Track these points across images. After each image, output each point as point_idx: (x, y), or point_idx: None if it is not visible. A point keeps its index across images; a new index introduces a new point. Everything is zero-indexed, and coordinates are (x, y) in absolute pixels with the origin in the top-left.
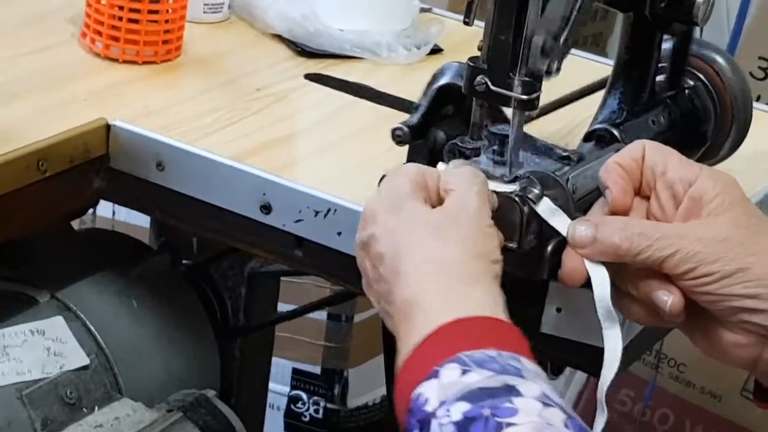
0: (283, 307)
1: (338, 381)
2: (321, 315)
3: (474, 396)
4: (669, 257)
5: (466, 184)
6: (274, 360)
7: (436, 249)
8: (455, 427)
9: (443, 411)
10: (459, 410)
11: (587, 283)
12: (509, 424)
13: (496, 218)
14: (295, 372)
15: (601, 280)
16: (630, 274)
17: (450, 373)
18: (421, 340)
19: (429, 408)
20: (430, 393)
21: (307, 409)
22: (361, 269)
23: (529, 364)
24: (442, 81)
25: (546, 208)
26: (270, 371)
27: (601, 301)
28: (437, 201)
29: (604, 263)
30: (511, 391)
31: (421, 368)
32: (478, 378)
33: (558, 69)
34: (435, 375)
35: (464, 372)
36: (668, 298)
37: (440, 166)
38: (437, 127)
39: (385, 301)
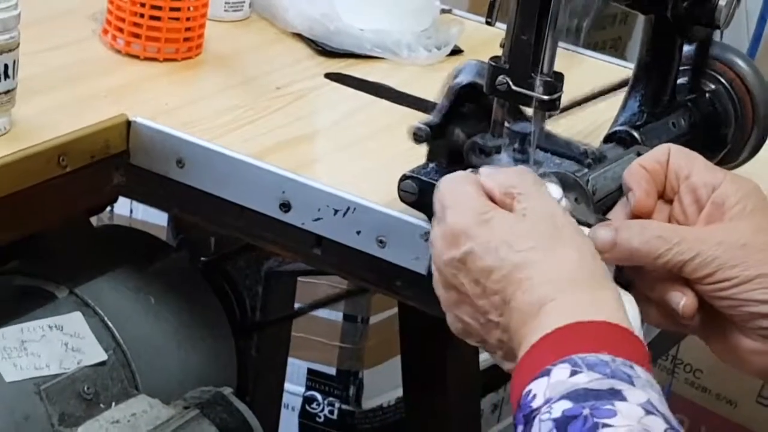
0: (298, 307)
1: (353, 382)
2: (337, 316)
3: (578, 396)
4: (689, 261)
5: (532, 182)
6: (290, 360)
7: (556, 253)
8: (554, 424)
9: (546, 408)
10: (560, 408)
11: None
12: (605, 425)
13: None
14: (310, 372)
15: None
16: (647, 276)
17: (560, 372)
18: (537, 340)
19: (535, 404)
20: (538, 390)
21: (322, 410)
22: (446, 286)
23: (642, 372)
24: (462, 80)
25: (566, 208)
26: (286, 370)
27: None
28: (502, 205)
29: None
30: (615, 394)
31: (534, 367)
32: (586, 379)
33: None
34: (546, 373)
35: (574, 373)
36: (681, 300)
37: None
38: (456, 126)
39: (494, 313)
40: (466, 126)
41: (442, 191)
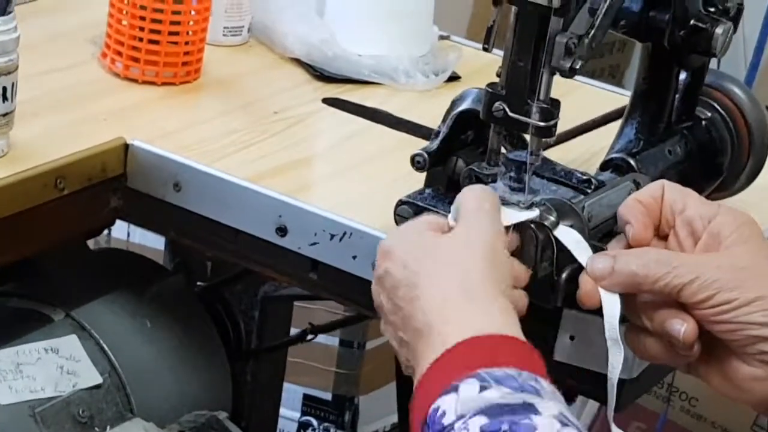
0: (295, 332)
1: (349, 408)
2: (333, 341)
3: (493, 411)
4: (687, 284)
5: (473, 199)
6: (285, 385)
7: (452, 273)
8: None
9: (461, 424)
10: (477, 424)
11: (600, 311)
12: None
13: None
14: (306, 398)
15: (612, 308)
16: (644, 306)
17: (469, 388)
18: (439, 355)
19: (446, 421)
20: (447, 406)
21: None
22: (377, 306)
23: (547, 385)
24: (462, 107)
25: (563, 235)
26: (281, 395)
27: (609, 324)
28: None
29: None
30: (529, 408)
31: (440, 382)
32: (497, 394)
33: (582, 66)
34: (454, 389)
35: (483, 388)
36: (682, 327)
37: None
38: (456, 155)
39: (401, 330)
40: (466, 154)
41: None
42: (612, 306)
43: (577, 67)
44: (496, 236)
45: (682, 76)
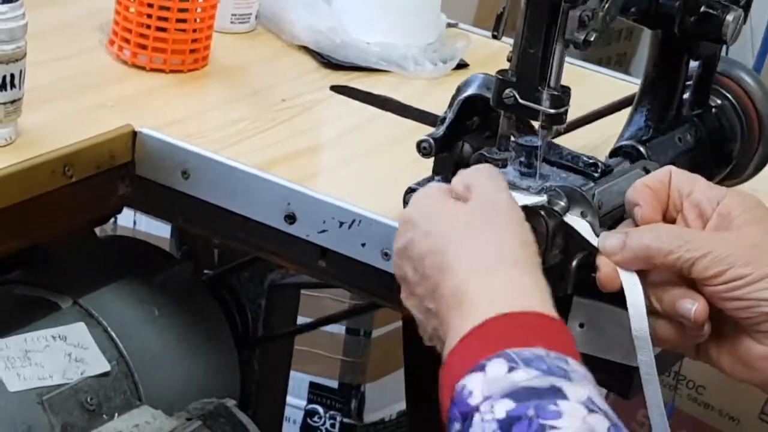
0: (301, 320)
1: (355, 396)
2: (339, 329)
3: (519, 395)
4: (700, 259)
5: (487, 176)
6: (292, 373)
7: (483, 239)
8: (498, 425)
9: (487, 406)
10: (503, 408)
11: (610, 299)
12: (552, 427)
13: None
14: (312, 386)
15: (633, 288)
16: (654, 287)
17: (496, 368)
18: (468, 331)
19: (473, 401)
20: (474, 386)
21: (324, 424)
22: (400, 278)
23: (576, 366)
24: (468, 92)
25: (573, 220)
26: (288, 383)
27: (634, 308)
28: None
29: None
30: (557, 393)
31: (467, 360)
32: (525, 376)
33: (595, 39)
34: (481, 368)
35: (511, 369)
36: (693, 306)
37: None
38: (463, 140)
39: (429, 300)
40: (473, 139)
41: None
42: (634, 294)
43: (591, 39)
44: (519, 209)
45: (693, 63)
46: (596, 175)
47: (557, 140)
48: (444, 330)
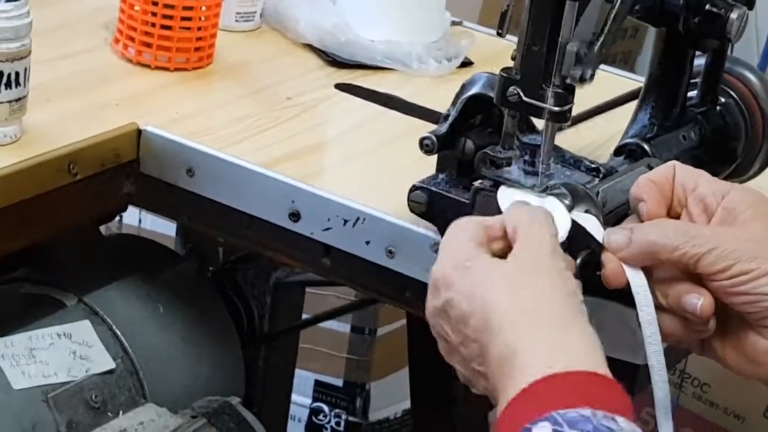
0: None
1: (360, 394)
2: (344, 327)
3: None
4: (706, 254)
5: (531, 224)
6: (297, 371)
7: (524, 297)
8: None
9: None
10: None
11: (615, 297)
12: None
13: None
14: (318, 384)
15: (640, 284)
16: (659, 282)
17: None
18: (515, 395)
19: None
20: None
21: (329, 422)
22: (438, 336)
23: (624, 423)
24: (473, 91)
25: (579, 216)
26: (293, 381)
27: (642, 306)
28: (507, 248)
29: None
30: None
31: (515, 424)
32: None
33: (592, 76)
34: None
35: None
36: (699, 301)
37: (500, 193)
38: (466, 137)
39: (477, 363)
40: (476, 137)
41: (444, 237)
42: (642, 291)
43: (587, 77)
44: (560, 255)
45: (698, 61)
46: (599, 176)
47: (561, 137)
48: (493, 391)
